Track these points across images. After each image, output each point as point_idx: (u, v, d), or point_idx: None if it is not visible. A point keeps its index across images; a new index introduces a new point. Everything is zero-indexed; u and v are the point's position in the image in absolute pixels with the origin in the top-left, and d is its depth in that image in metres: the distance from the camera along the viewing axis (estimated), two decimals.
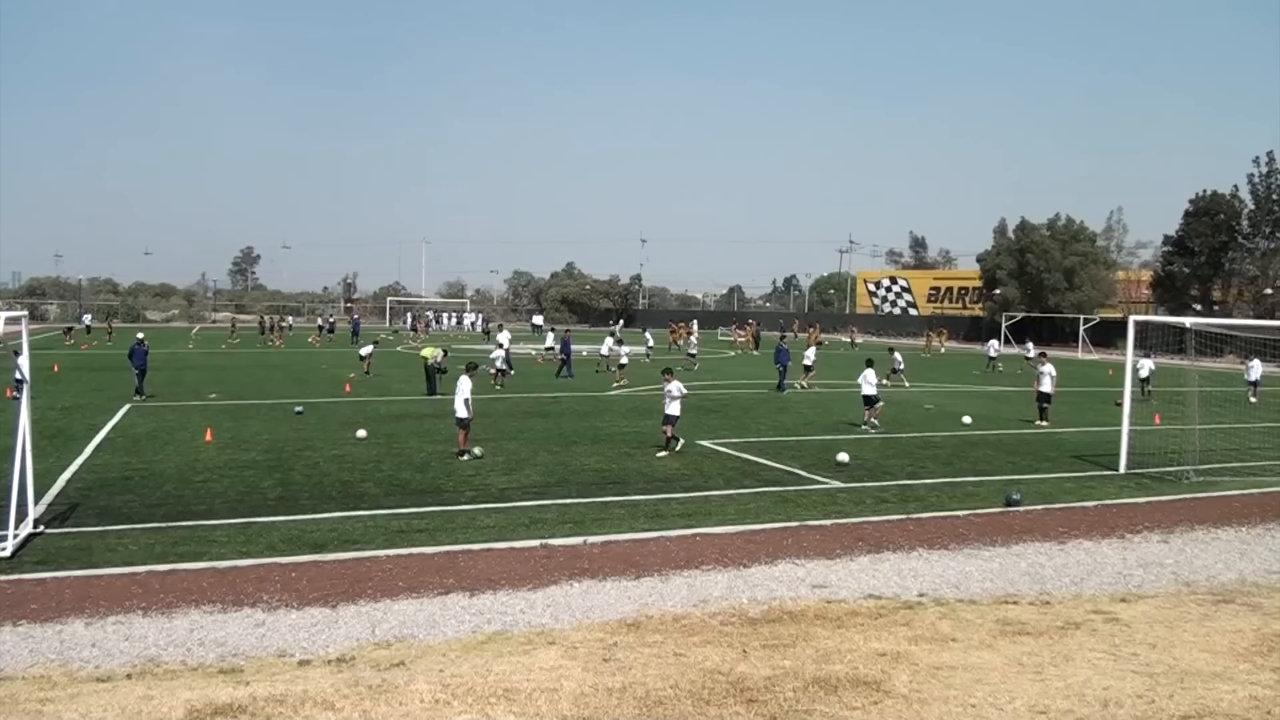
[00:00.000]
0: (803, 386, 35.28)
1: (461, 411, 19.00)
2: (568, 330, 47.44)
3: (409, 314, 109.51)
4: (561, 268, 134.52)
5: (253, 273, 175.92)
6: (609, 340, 44.45)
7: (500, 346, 37.06)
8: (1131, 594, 10.93)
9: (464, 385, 19.19)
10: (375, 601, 10.06)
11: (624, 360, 36.92)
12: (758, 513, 14.62)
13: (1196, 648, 9.04)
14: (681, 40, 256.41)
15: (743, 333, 68.07)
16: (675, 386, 20.40)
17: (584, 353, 49.27)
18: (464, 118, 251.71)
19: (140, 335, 30.07)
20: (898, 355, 39.45)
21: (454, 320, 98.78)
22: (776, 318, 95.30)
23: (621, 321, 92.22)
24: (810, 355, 36.83)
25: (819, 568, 11.66)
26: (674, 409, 20.23)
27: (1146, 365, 34.59)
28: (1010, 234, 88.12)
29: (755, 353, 60.71)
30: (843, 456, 19.11)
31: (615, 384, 35.01)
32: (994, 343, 52.59)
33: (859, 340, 78.16)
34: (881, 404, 24.74)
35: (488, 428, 22.71)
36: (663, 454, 19.77)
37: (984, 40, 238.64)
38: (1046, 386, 26.63)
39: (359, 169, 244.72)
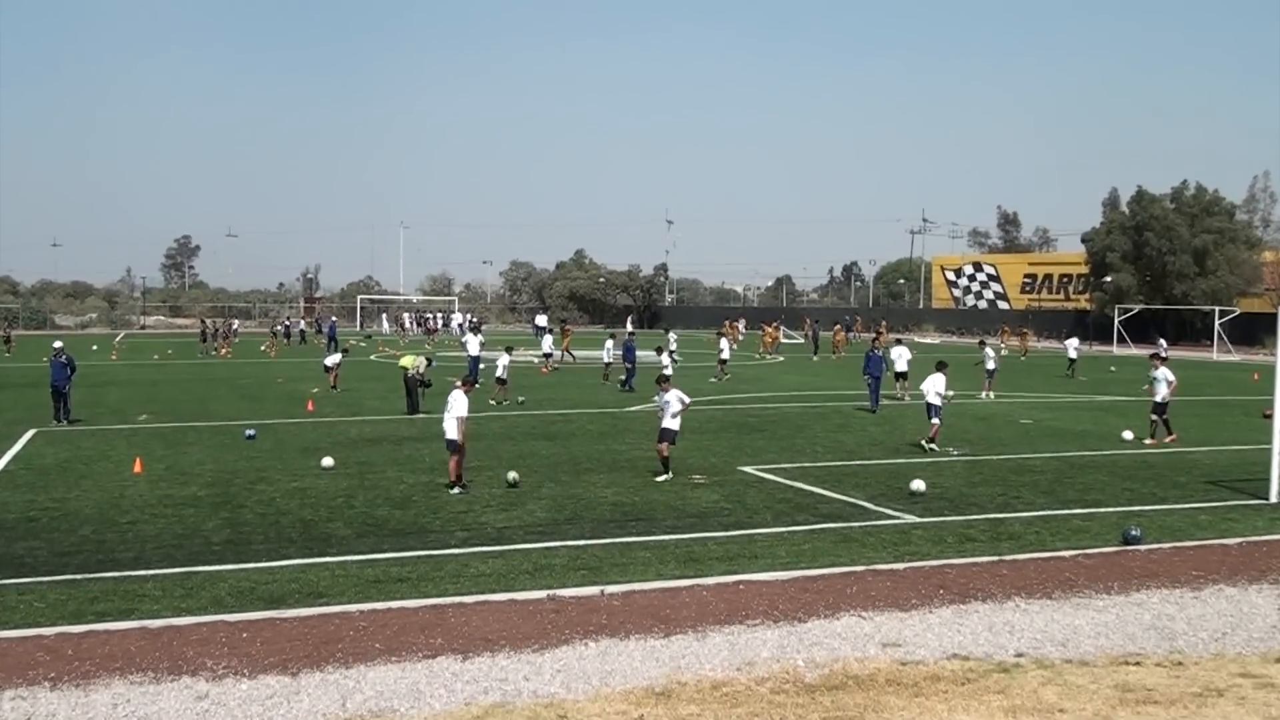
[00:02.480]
0: (900, 398, 35.54)
1: (452, 433, 19.00)
2: (631, 333, 47.27)
3: (385, 314, 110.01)
4: (569, 256, 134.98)
5: (190, 267, 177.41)
6: (610, 344, 44.64)
7: (467, 349, 39.10)
8: None
9: (458, 401, 19.18)
10: (346, 667, 10.04)
11: (668, 369, 37.07)
12: (814, 554, 14.53)
13: None
14: None
15: (772, 332, 68.09)
16: (675, 396, 20.42)
17: (566, 358, 49.16)
18: (447, 78, 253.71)
19: (58, 345, 30.19)
20: (990, 350, 39.19)
21: (440, 322, 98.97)
22: (841, 314, 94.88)
23: (631, 322, 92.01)
24: (904, 357, 36.88)
25: (891, 621, 11.57)
26: (674, 423, 20.26)
27: None
28: (1124, 208, 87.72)
29: (814, 358, 60.61)
30: (918, 484, 19.02)
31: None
32: (1073, 341, 52.29)
33: (922, 340, 77.83)
34: (938, 421, 24.53)
35: (482, 452, 22.73)
36: (700, 479, 20.01)
37: None
38: (1161, 395, 26.43)
39: (320, 141, 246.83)
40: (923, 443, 24.31)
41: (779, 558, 14.33)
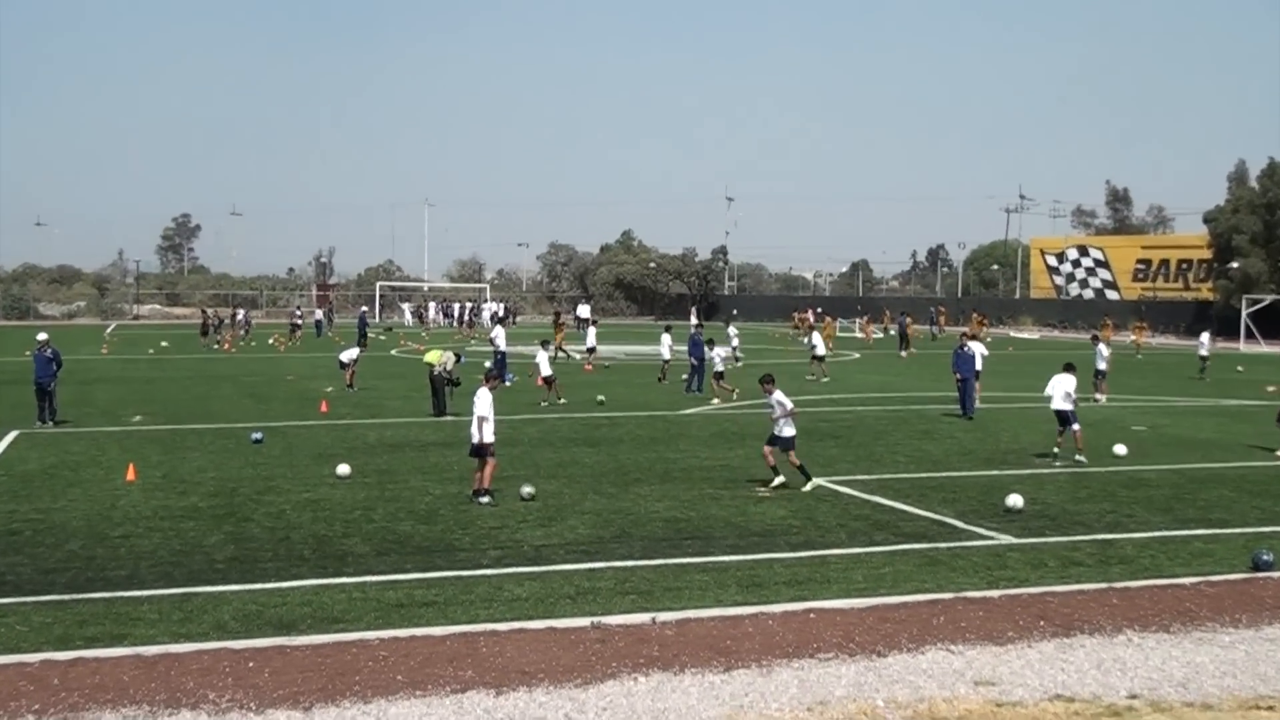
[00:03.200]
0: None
1: (476, 436, 19.14)
2: (698, 326, 47.20)
3: (407, 303, 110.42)
4: (615, 238, 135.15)
5: (190, 250, 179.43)
6: (668, 338, 44.53)
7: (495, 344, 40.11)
8: None
9: (479, 400, 19.32)
10: (364, 702, 10.12)
11: (720, 366, 37.29)
12: (895, 579, 14.50)
13: None
14: None
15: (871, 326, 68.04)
16: (782, 398, 20.56)
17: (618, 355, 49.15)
18: (476, 37, 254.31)
19: (43, 337, 30.46)
20: (1102, 347, 38.79)
21: (469, 312, 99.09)
22: (927, 305, 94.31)
23: (697, 313, 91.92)
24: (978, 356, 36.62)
25: (984, 656, 11.50)
26: (786, 429, 20.45)
27: None
28: (1253, 183, 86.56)
29: (903, 354, 60.25)
30: (1015, 500, 18.92)
31: (714, 398, 35.93)
32: (1205, 337, 51.71)
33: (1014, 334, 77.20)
34: (1079, 427, 24.40)
35: (517, 460, 22.85)
36: (765, 491, 20.06)
37: None
38: None
39: (335, 108, 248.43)
40: (1066, 452, 24.11)
41: (855, 583, 14.29)
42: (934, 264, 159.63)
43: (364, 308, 76.21)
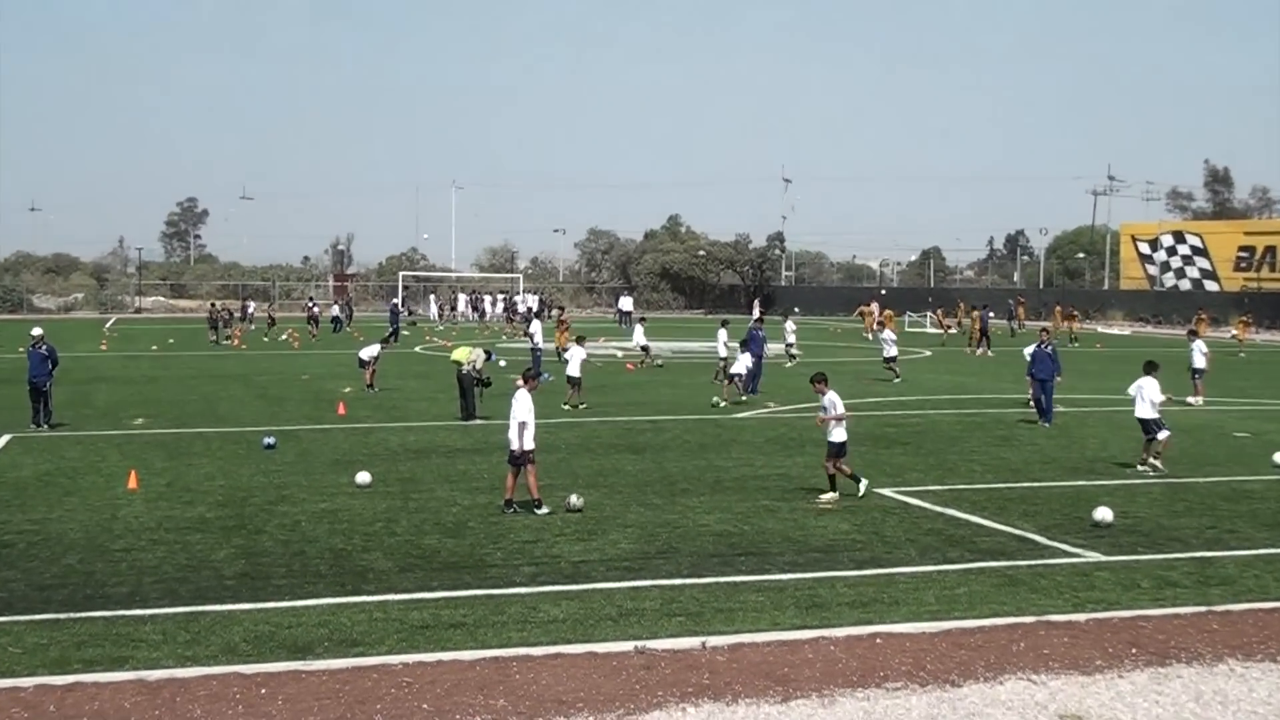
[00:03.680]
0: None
1: (515, 442, 19.14)
2: (759, 318, 46.88)
3: (433, 295, 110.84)
4: (661, 224, 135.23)
5: (196, 237, 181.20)
6: (724, 334, 44.27)
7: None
8: None
9: (518, 402, 19.30)
10: None
11: (738, 367, 37.02)
12: (970, 601, 14.43)
13: None
14: None
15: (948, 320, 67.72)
16: (835, 400, 20.64)
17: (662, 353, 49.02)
18: (508, 5, 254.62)
19: (37, 333, 30.52)
20: (1200, 344, 38.39)
21: (503, 305, 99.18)
22: (1005, 297, 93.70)
23: (760, 306, 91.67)
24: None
25: (1069, 687, 11.41)
26: (837, 434, 20.54)
27: None
28: None
29: (986, 353, 59.61)
30: (1103, 513, 18.78)
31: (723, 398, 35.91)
32: None
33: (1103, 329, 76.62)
34: (1168, 434, 24.15)
35: (553, 468, 22.85)
36: (828, 499, 20.18)
37: None
38: None
39: (354, 82, 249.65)
40: (1151, 460, 23.90)
41: (926, 604, 14.23)
42: (1013, 252, 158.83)
43: (395, 299, 75.84)
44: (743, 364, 37.01)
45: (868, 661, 12.05)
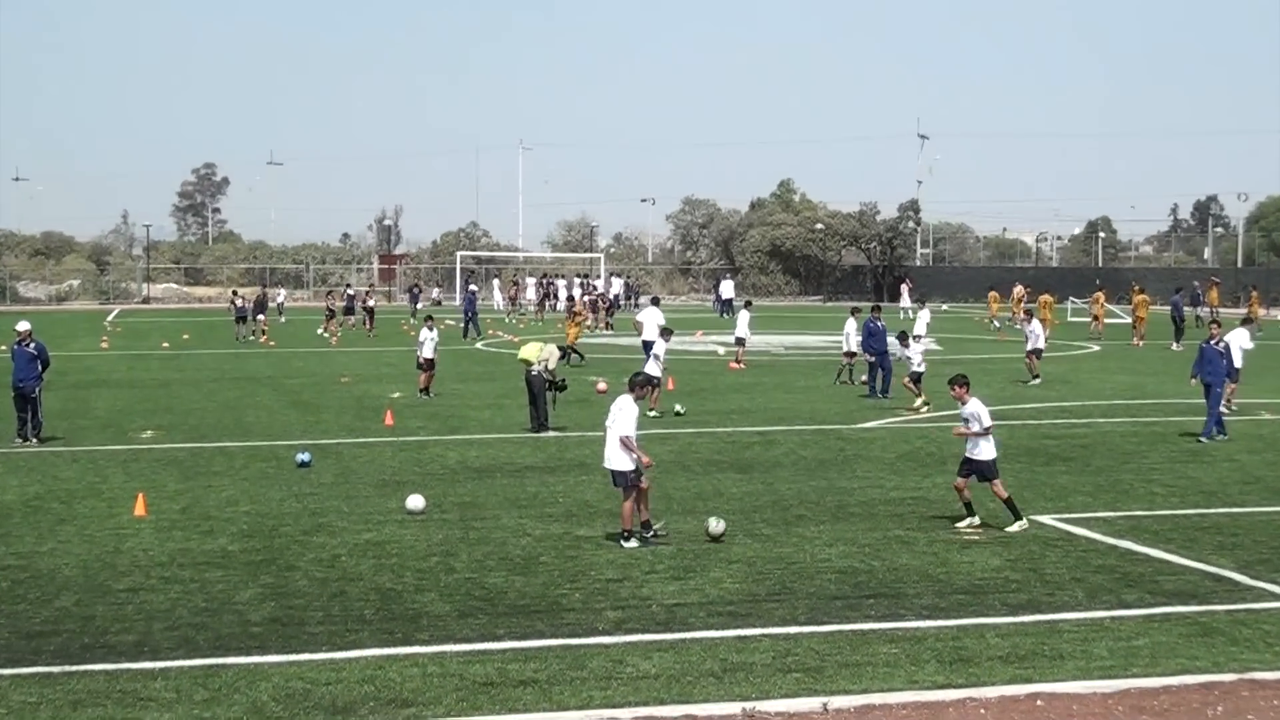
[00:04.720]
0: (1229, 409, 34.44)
1: (617, 461, 19.20)
2: (876, 307, 46.17)
3: (496, 279, 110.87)
4: (770, 192, 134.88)
5: (215, 211, 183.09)
6: (853, 324, 43.88)
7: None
8: None
9: (623, 411, 19.29)
10: None
11: (918, 365, 36.51)
12: (1153, 654, 14.28)
13: None
14: None
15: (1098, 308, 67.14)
16: (978, 408, 20.50)
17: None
18: None
19: (24, 328, 30.39)
20: None
21: (575, 290, 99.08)
22: (1192, 279, 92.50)
23: (908, 290, 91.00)
24: (1241, 347, 35.88)
25: None
26: (984, 450, 20.35)
27: None
28: None
29: (1176, 347, 58.91)
30: None
31: (911, 408, 35.64)
32: None
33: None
34: None
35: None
36: (972, 529, 20.15)
37: None
38: None
39: (400, 29, 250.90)
40: None
41: (1097, 659, 14.12)
42: (1203, 223, 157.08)
43: (473, 286, 74.87)
44: (916, 358, 36.57)
45: None
